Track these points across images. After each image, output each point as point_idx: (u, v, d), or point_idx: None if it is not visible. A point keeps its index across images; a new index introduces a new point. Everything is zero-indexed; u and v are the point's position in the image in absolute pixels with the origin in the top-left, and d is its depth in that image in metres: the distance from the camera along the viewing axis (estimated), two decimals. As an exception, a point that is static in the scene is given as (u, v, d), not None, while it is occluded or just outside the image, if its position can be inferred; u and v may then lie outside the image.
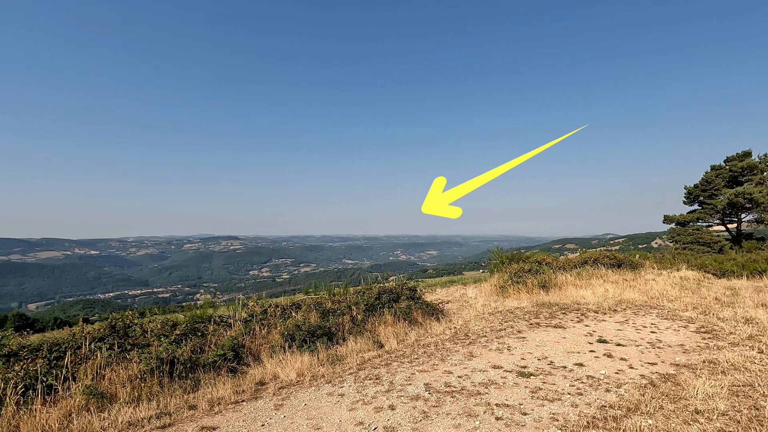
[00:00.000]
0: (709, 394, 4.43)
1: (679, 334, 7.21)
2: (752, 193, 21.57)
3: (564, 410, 4.28)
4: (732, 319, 7.97)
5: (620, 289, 11.81)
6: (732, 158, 24.51)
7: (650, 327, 7.77)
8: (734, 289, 12.26)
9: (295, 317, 7.81)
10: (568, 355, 6.16)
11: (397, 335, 7.52)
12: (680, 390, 4.63)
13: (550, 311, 9.38)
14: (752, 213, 23.61)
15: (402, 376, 5.50)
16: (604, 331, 7.58)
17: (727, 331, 7.17)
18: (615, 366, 5.64)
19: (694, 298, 10.73)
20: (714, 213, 24.42)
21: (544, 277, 12.59)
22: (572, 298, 10.80)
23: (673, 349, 6.36)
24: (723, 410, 4.07)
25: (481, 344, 6.92)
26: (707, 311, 8.84)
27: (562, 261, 15.97)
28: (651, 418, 3.99)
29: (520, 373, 5.44)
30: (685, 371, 5.30)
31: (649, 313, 8.99)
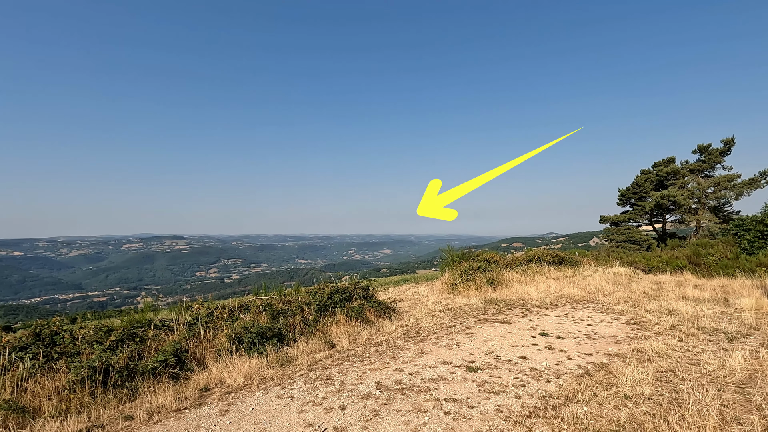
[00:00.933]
0: (637, 381, 4.80)
1: (612, 326, 7.76)
2: (675, 196, 23.70)
3: (508, 402, 4.47)
4: (657, 311, 8.70)
5: (561, 285, 12.53)
6: (658, 164, 26.77)
7: (587, 320, 8.30)
8: (659, 283, 13.39)
9: (244, 319, 7.55)
10: (513, 349, 6.43)
11: (350, 335, 7.50)
12: (612, 378, 4.99)
13: (497, 307, 9.75)
14: (675, 214, 25.95)
15: (353, 376, 5.49)
16: (546, 325, 8.00)
17: (653, 322, 7.81)
18: (555, 357, 5.97)
19: (625, 292, 11.61)
20: (643, 214, 26.56)
21: (492, 274, 13.07)
22: (518, 295, 11.30)
23: (607, 340, 6.84)
24: (648, 395, 4.43)
25: (431, 341, 7.06)
26: (636, 304, 9.59)
27: (508, 259, 16.66)
28: (586, 405, 4.26)
29: (468, 367, 5.60)
30: (616, 360, 5.71)
31: (586, 307, 9.60)
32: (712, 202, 24.85)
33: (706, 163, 25.21)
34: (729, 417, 3.85)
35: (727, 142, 24.86)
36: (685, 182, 25.39)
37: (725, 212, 24.86)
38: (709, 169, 25.39)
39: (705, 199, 24.84)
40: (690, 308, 8.79)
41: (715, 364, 5.30)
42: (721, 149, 24.84)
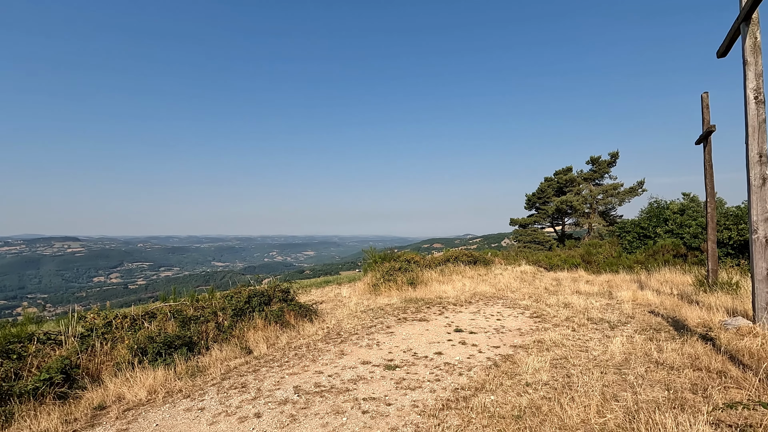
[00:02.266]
0: (537, 369, 5.29)
1: (518, 320, 8.46)
2: (572, 202, 26.56)
3: (424, 396, 4.65)
4: (556, 305, 9.66)
5: (475, 284, 13.35)
6: (559, 172, 29.78)
7: (497, 315, 8.95)
8: (558, 279, 14.89)
9: (149, 328, 6.93)
10: (430, 346, 6.71)
11: (268, 339, 7.25)
12: (516, 367, 5.43)
13: (416, 306, 10.10)
14: (572, 217, 29.06)
15: (271, 382, 5.32)
16: (461, 321, 8.47)
17: (552, 315, 8.66)
18: (468, 352, 6.35)
19: (530, 288, 12.72)
20: (546, 217, 29.35)
21: (412, 274, 13.51)
22: (436, 293, 11.81)
23: (513, 333, 7.43)
24: (546, 381, 4.90)
25: (352, 342, 7.09)
26: (539, 299, 10.56)
27: (428, 259, 17.36)
28: (493, 394, 4.59)
29: (387, 366, 5.73)
30: (520, 351, 6.23)
31: (496, 303, 10.34)
32: (601, 207, 28.26)
33: (596, 172, 28.62)
34: (609, 395, 4.40)
35: (613, 155, 28.48)
36: (580, 189, 28.57)
37: (611, 216, 28.43)
38: (599, 178, 28.85)
39: (596, 204, 28.18)
40: (582, 301, 9.89)
41: (600, 350, 6.03)
42: (608, 161, 28.39)
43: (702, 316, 7.69)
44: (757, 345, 5.65)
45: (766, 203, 6.45)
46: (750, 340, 5.86)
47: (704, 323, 7.26)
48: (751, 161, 6.48)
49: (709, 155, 10.37)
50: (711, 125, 10.02)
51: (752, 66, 6.45)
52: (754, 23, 6.48)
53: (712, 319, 7.41)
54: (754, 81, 6.43)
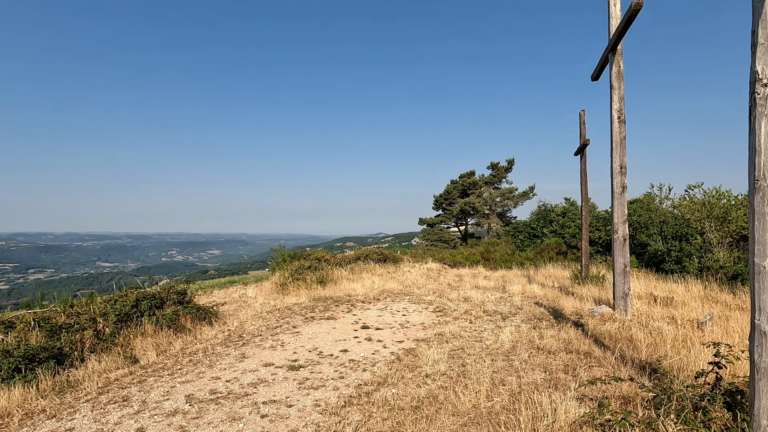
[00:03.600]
0: (436, 360, 5.57)
1: (422, 315, 8.84)
2: (474, 203, 28.59)
3: (327, 395, 4.62)
4: (456, 299, 10.30)
5: (384, 281, 13.67)
6: (463, 175, 31.86)
7: (402, 311, 9.25)
8: (461, 276, 15.90)
9: (5, 341, 5.88)
10: (336, 344, 6.70)
11: (158, 346, 6.61)
12: (417, 360, 5.66)
13: (325, 305, 10.02)
14: (474, 218, 31.28)
15: (159, 392, 4.85)
16: (368, 318, 8.60)
17: (452, 309, 9.21)
18: (373, 348, 6.46)
19: (434, 284, 13.39)
20: (451, 217, 31.19)
21: (322, 273, 13.38)
22: (345, 291, 11.84)
23: (416, 327, 7.75)
24: (443, 371, 5.18)
25: (255, 344, 6.78)
26: (442, 294, 11.17)
27: (339, 258, 17.34)
28: (395, 387, 4.72)
29: (291, 366, 5.58)
30: (422, 344, 6.51)
31: (403, 299, 10.70)
32: (499, 209, 30.86)
33: (495, 177, 31.19)
34: (497, 381, 4.80)
35: (510, 161, 31.28)
36: (481, 192, 30.87)
37: (507, 217, 31.21)
38: (497, 182, 31.48)
39: (494, 206, 30.70)
40: (480, 295, 10.68)
41: (492, 340, 6.56)
42: (506, 167, 31.12)
43: (576, 305, 8.80)
44: (615, 328, 6.62)
45: (625, 208, 7.58)
46: (610, 325, 6.84)
47: (577, 312, 8.31)
48: (614, 172, 7.56)
49: (584, 165, 11.90)
50: (586, 139, 11.50)
51: (617, 90, 7.52)
52: (619, 54, 7.56)
53: (583, 307, 8.51)
54: (618, 103, 7.51)
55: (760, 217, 3.00)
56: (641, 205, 20.64)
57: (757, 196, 3.01)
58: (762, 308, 3.00)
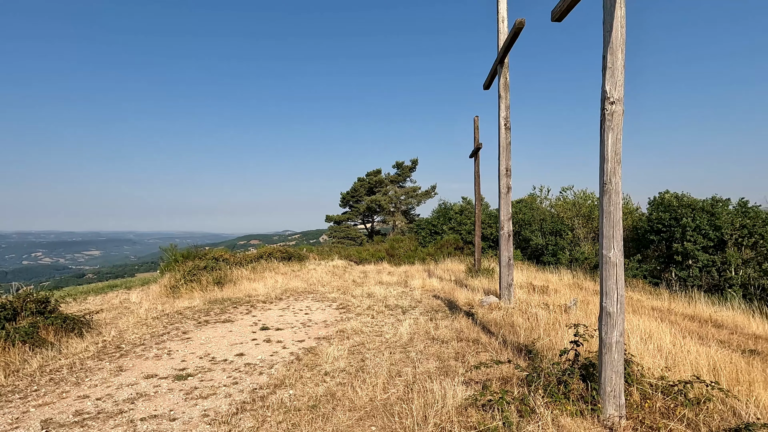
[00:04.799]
0: (336, 357, 5.57)
1: (325, 312, 8.78)
2: (380, 201, 29.28)
3: (217, 403, 4.33)
4: (360, 296, 10.43)
5: (288, 279, 13.30)
6: (370, 173, 32.42)
7: (305, 310, 9.09)
8: (366, 272, 16.15)
9: None
10: (232, 348, 6.33)
11: (9, 366, 5.57)
12: (317, 358, 5.60)
13: (221, 307, 9.41)
14: (380, 215, 32.03)
15: (5, 421, 4.09)
16: (269, 318, 8.28)
17: (356, 305, 9.31)
18: (272, 349, 6.23)
19: (339, 281, 13.41)
20: (358, 214, 31.54)
21: (220, 273, 12.55)
22: (245, 292, 11.26)
23: (319, 325, 7.67)
24: (342, 368, 5.20)
25: (136, 354, 6.10)
26: (346, 291, 11.23)
27: (240, 257, 16.44)
28: (292, 388, 4.61)
29: (178, 376, 5.13)
30: (323, 342, 6.47)
31: (306, 298, 10.52)
32: (403, 207, 32.02)
33: (401, 176, 32.29)
34: (394, 373, 4.97)
35: (413, 161, 32.65)
36: (387, 190, 31.73)
37: (411, 215, 32.54)
38: (402, 181, 32.63)
39: (399, 204, 31.78)
40: (383, 291, 10.96)
41: (392, 333, 6.77)
42: (410, 166, 32.41)
43: (468, 296, 9.49)
44: (500, 316, 7.28)
45: (510, 207, 8.36)
46: (496, 313, 7.51)
47: (469, 302, 8.98)
48: (501, 174, 8.31)
49: (478, 167, 12.88)
50: (479, 143, 12.47)
51: (504, 100, 8.26)
52: (506, 66, 8.31)
53: (474, 298, 9.22)
54: (505, 111, 8.25)
55: (606, 216, 3.53)
56: (525, 204, 23.09)
57: (605, 198, 3.53)
58: (607, 293, 3.53)
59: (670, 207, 17.77)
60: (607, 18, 3.51)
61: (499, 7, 8.36)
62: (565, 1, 4.07)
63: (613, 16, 3.46)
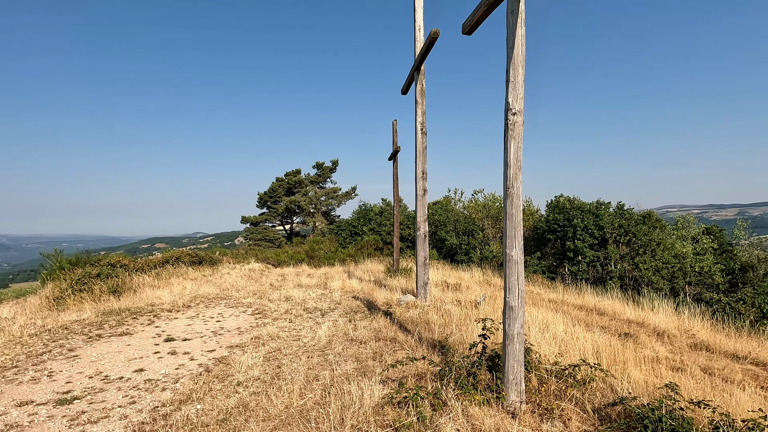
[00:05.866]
0: (250, 365, 5.31)
1: (239, 319, 8.34)
2: (300, 202, 28.64)
3: (110, 427, 3.87)
4: (278, 299, 10.09)
5: (198, 285, 12.39)
6: (289, 173, 31.58)
7: (217, 317, 8.55)
8: (284, 275, 15.68)
9: None
10: (129, 363, 5.71)
11: None
12: (229, 368, 5.30)
13: (118, 318, 8.46)
14: (300, 216, 31.35)
15: None
16: (175, 328, 7.63)
17: (273, 309, 8.99)
18: (177, 362, 5.75)
19: (256, 285, 12.84)
20: (277, 215, 30.53)
21: (116, 281, 11.28)
22: (148, 300, 10.26)
23: (232, 333, 7.26)
24: (257, 376, 4.98)
25: (6, 379, 5.22)
26: (263, 295, 10.78)
27: (142, 262, 14.95)
28: (200, 402, 4.29)
29: (61, 401, 4.49)
30: (237, 350, 6.13)
31: (219, 304, 9.90)
32: (324, 208, 31.70)
33: (321, 176, 31.93)
34: (311, 377, 4.88)
35: (334, 162, 32.49)
36: (307, 191, 31.17)
37: (331, 216, 32.33)
38: (322, 182, 32.29)
39: (320, 205, 31.40)
40: (302, 294, 10.73)
41: (310, 337, 6.65)
42: (330, 167, 32.20)
43: (387, 296, 9.68)
44: (417, 314, 7.53)
45: (426, 208, 8.69)
46: (413, 311, 7.75)
47: (387, 302, 9.16)
48: (417, 177, 8.61)
49: (396, 170, 13.22)
50: (398, 146, 12.80)
51: (420, 105, 8.57)
52: (422, 73, 8.63)
53: (392, 297, 9.43)
54: (421, 117, 8.57)
55: (509, 217, 3.83)
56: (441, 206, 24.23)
57: (508, 201, 3.83)
58: (510, 288, 3.83)
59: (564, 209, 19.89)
60: (510, 36, 3.82)
61: (416, 16, 8.66)
62: (473, 17, 4.35)
63: (515, 35, 3.77)
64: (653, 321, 8.63)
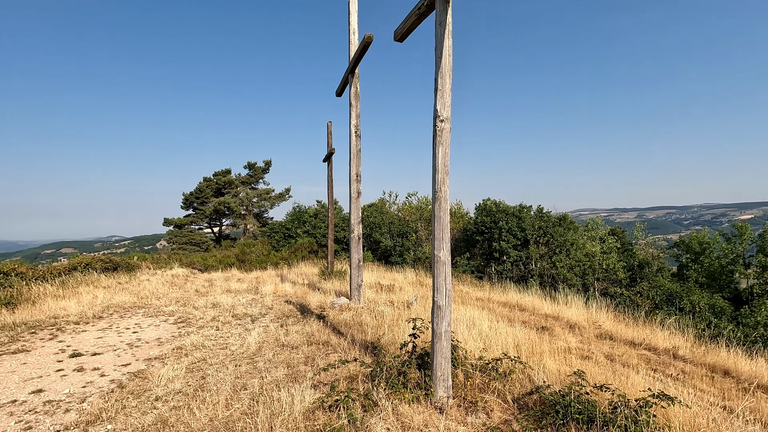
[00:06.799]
0: (171, 378, 4.96)
1: (159, 329, 7.75)
2: (230, 203, 27.36)
3: (-1, 458, 3.41)
4: (204, 306, 9.54)
5: (112, 294, 11.32)
6: (218, 173, 30.03)
7: (134, 328, 7.87)
8: (212, 280, 14.87)
9: None
10: (25, 384, 5.06)
11: None
12: (146, 383, 4.90)
13: (12, 334, 7.46)
14: (230, 218, 29.93)
15: None
16: (83, 342, 6.90)
17: (198, 317, 8.48)
18: (85, 379, 5.20)
19: (179, 292, 12.02)
20: (204, 217, 28.86)
21: (11, 291, 9.95)
22: (50, 312, 9.17)
23: (150, 344, 6.73)
24: (179, 389, 4.66)
25: None
26: (187, 303, 10.13)
27: (43, 269, 13.32)
28: (111, 422, 3.93)
29: (-66, 433, 3.87)
30: (156, 363, 5.70)
31: (136, 314, 9.12)
32: (256, 210, 30.56)
33: (253, 177, 30.76)
34: (239, 386, 4.67)
35: (267, 162, 31.47)
36: (237, 192, 29.84)
37: (264, 218, 31.27)
38: (254, 183, 31.12)
39: (251, 206, 30.22)
40: (230, 299, 10.24)
41: (239, 344, 6.37)
42: (263, 167, 31.14)
43: (321, 299, 9.58)
44: (350, 316, 7.54)
45: (360, 211, 8.74)
46: (346, 314, 7.75)
47: (321, 305, 9.07)
48: (351, 179, 8.63)
49: (331, 172, 13.14)
50: (332, 148, 12.73)
51: (354, 108, 8.60)
52: (356, 77, 8.68)
53: (326, 300, 9.35)
54: (355, 119, 8.61)
55: (438, 220, 3.98)
56: (376, 208, 24.50)
57: (436, 204, 3.98)
58: (438, 288, 3.98)
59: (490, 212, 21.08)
60: (438, 46, 3.98)
61: (350, 19, 8.70)
62: (405, 25, 4.48)
63: (442, 45, 3.94)
64: (567, 315, 9.45)
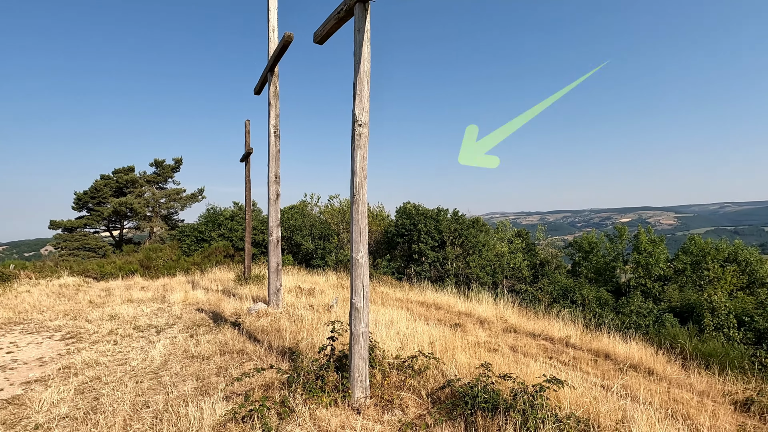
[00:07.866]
0: (55, 402, 4.38)
1: (41, 347, 6.78)
2: (133, 204, 24.87)
3: None
4: (99, 319, 8.54)
5: (-22, 309, 9.64)
6: (119, 171, 27.16)
7: (8, 347, 6.80)
8: (109, 289, 13.37)
9: None
10: None
11: None
12: (24, 409, 4.27)
13: None
14: (133, 220, 27.21)
15: None
16: (-63, 368, 5.79)
17: (92, 332, 7.57)
18: (-61, 412, 4.38)
19: (69, 304, 10.63)
20: (101, 220, 25.87)
21: None
22: None
23: (30, 365, 5.87)
24: (65, 413, 4.13)
25: None
26: (78, 316, 8.99)
27: None
28: (-25, 459, 3.36)
29: None
30: (36, 386, 4.99)
31: (11, 331, 7.88)
32: (164, 211, 28.15)
33: (160, 176, 28.30)
34: (140, 405, 4.27)
35: (177, 160, 29.17)
36: (142, 191, 27.24)
37: (173, 220, 28.92)
38: (163, 182, 28.66)
39: (158, 208, 27.78)
40: (132, 310, 9.31)
41: (140, 359, 5.82)
42: (173, 166, 28.82)
43: (236, 306, 9.12)
44: (268, 322, 7.30)
45: (278, 213, 8.51)
46: (264, 320, 7.48)
47: (236, 312, 8.64)
48: (270, 181, 8.38)
49: (249, 172, 12.61)
50: (250, 148, 12.23)
51: (273, 108, 8.37)
52: (276, 75, 8.45)
53: (242, 307, 8.93)
54: (274, 119, 8.37)
55: (356, 223, 4.04)
56: (297, 210, 23.99)
57: (354, 207, 4.04)
58: (356, 290, 4.03)
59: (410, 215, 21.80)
60: (357, 52, 4.04)
61: (269, 16, 8.45)
62: (324, 28, 4.48)
63: (361, 51, 4.01)
64: (478, 311, 10.11)
